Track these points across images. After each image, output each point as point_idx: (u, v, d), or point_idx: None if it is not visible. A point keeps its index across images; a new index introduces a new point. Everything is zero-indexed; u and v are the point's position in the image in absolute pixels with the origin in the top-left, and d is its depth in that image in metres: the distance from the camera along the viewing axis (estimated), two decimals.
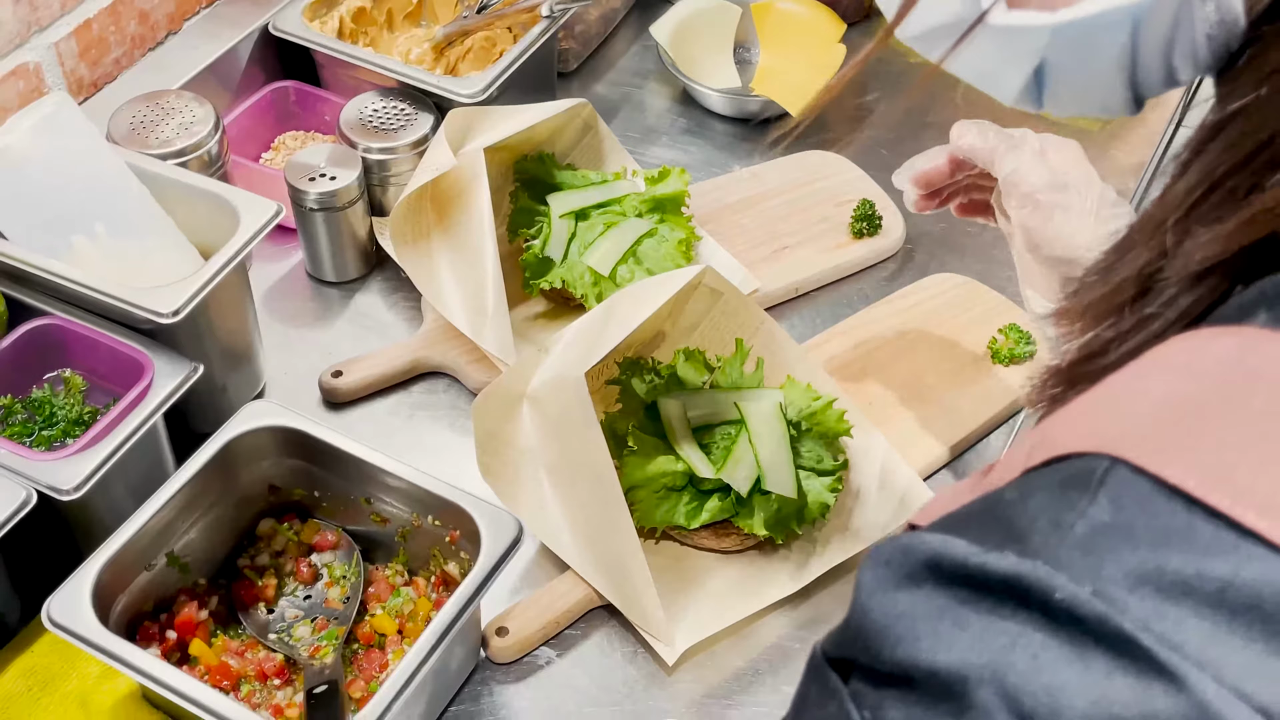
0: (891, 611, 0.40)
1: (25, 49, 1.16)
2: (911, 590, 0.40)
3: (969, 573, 0.39)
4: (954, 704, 0.38)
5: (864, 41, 1.50)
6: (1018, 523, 0.40)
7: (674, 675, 0.94)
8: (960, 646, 0.38)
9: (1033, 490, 0.41)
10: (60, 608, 0.83)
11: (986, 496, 0.43)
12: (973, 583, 0.39)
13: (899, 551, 0.41)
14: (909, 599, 0.40)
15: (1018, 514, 0.40)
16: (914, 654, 0.39)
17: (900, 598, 0.40)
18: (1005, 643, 0.38)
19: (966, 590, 0.39)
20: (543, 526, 0.97)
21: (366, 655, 0.91)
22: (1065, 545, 0.38)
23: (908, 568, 0.41)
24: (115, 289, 0.95)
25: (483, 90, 1.20)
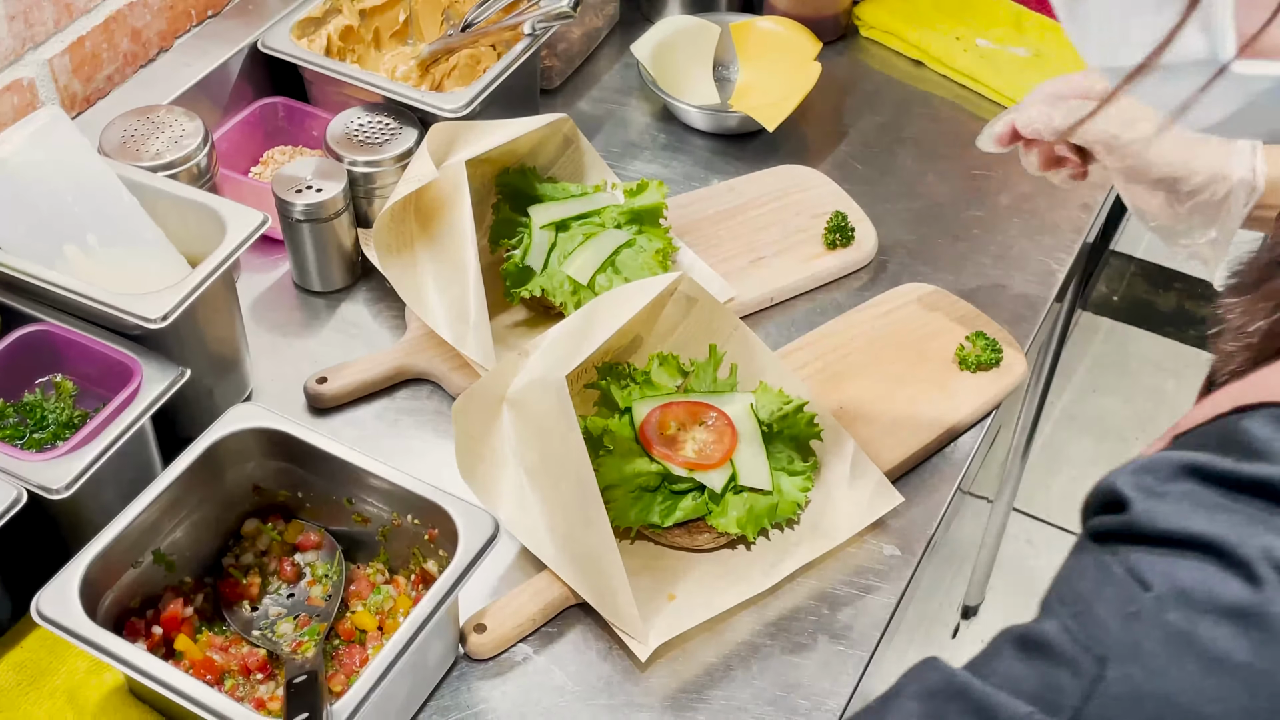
0: (1158, 496, 0.49)
1: (20, 65, 1.19)
2: (1174, 483, 0.49)
3: (1221, 474, 0.48)
4: (1217, 557, 0.46)
5: (838, 60, 1.53)
6: (1257, 443, 0.49)
7: (648, 671, 0.97)
8: (1219, 521, 0.47)
9: (1260, 421, 0.50)
10: (49, 602, 0.85)
11: (1217, 425, 0.51)
12: (1225, 482, 0.48)
13: (1154, 462, 0.50)
14: (1172, 488, 0.49)
15: (1254, 439, 0.49)
16: (1180, 523, 0.47)
17: (1166, 488, 0.49)
18: (1263, 525, 0.46)
19: (1220, 487, 0.48)
20: (521, 526, 1.00)
21: (347, 650, 0.94)
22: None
23: (1166, 469, 0.49)
24: (105, 295, 0.98)
25: (466, 105, 1.23)
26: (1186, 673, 0.46)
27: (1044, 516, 2.41)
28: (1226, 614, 0.46)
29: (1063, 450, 2.52)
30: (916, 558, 1.04)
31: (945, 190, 1.36)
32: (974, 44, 1.51)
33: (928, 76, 1.52)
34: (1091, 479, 0.55)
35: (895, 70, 1.53)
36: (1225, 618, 0.45)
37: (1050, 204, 1.35)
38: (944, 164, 1.39)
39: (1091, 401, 2.62)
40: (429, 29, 1.44)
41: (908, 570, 1.04)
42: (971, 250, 1.29)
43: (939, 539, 1.11)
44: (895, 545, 1.05)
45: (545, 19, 1.31)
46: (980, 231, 1.32)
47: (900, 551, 1.05)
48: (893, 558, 1.04)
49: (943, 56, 1.50)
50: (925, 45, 1.52)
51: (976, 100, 1.48)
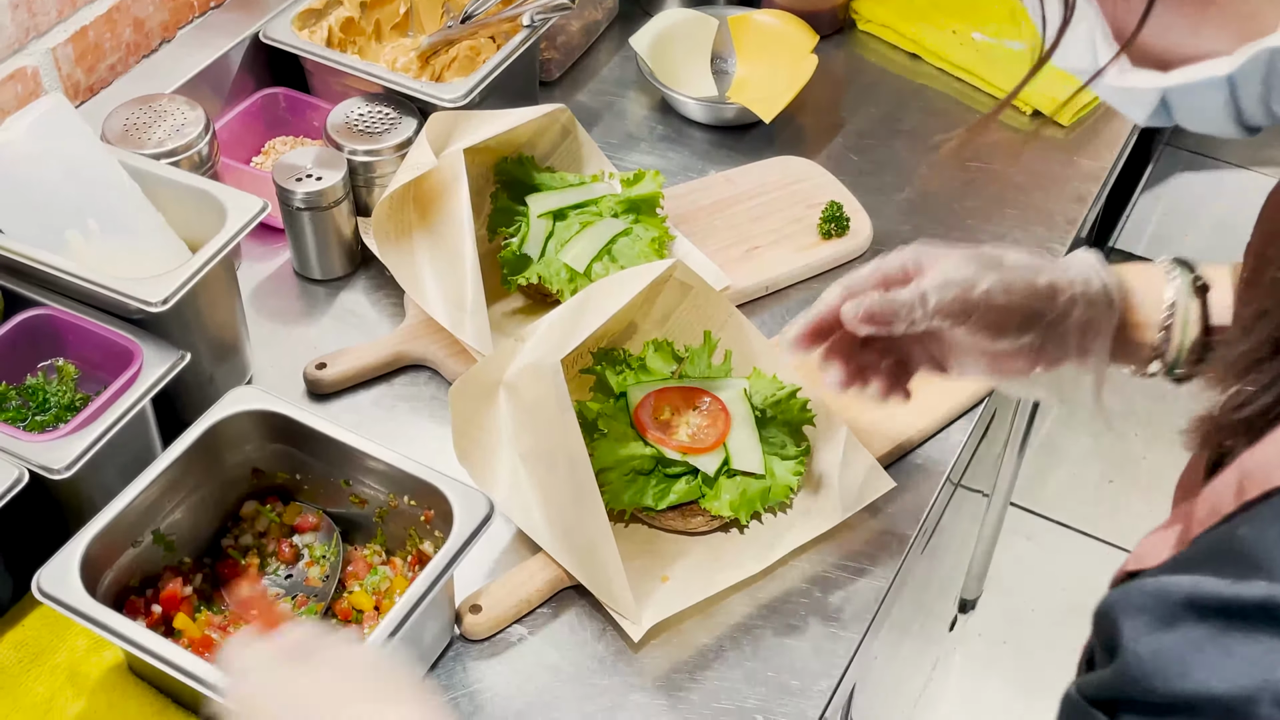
0: (1160, 650, 0.44)
1: (23, 54, 1.20)
2: (1173, 629, 0.44)
3: (1224, 604, 0.44)
4: None
5: (836, 53, 1.55)
6: (1257, 553, 0.44)
7: (641, 652, 0.98)
8: (1232, 671, 0.42)
9: (1265, 523, 0.46)
10: (50, 579, 0.87)
11: (1213, 535, 0.48)
12: (1229, 612, 0.43)
13: (1151, 598, 0.46)
14: (1173, 637, 0.44)
15: (1255, 547, 0.45)
16: (1190, 685, 0.43)
17: (1165, 638, 0.44)
18: (1271, 661, 0.42)
19: (1224, 620, 0.43)
20: (516, 509, 1.01)
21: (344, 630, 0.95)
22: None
23: (1165, 610, 0.45)
24: (106, 279, 0.99)
25: (465, 95, 1.25)
26: None
27: (1042, 511, 2.42)
28: None
29: (1061, 446, 2.52)
30: (908, 542, 1.06)
31: (940, 181, 1.37)
32: (970, 38, 1.52)
33: (924, 70, 1.53)
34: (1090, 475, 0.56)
35: (892, 64, 1.54)
36: None
37: (1045, 195, 1.36)
38: (939, 155, 1.40)
39: None
40: (429, 21, 1.45)
41: (899, 554, 1.05)
42: (965, 240, 1.28)
43: (931, 526, 1.12)
44: (887, 530, 1.06)
45: (543, 10, 1.32)
46: (974, 222, 1.33)
47: (892, 538, 1.06)
48: (885, 542, 1.05)
49: (939, 50, 1.52)
50: (922, 39, 1.53)
51: (972, 94, 1.49)
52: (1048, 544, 2.37)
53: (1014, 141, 1.43)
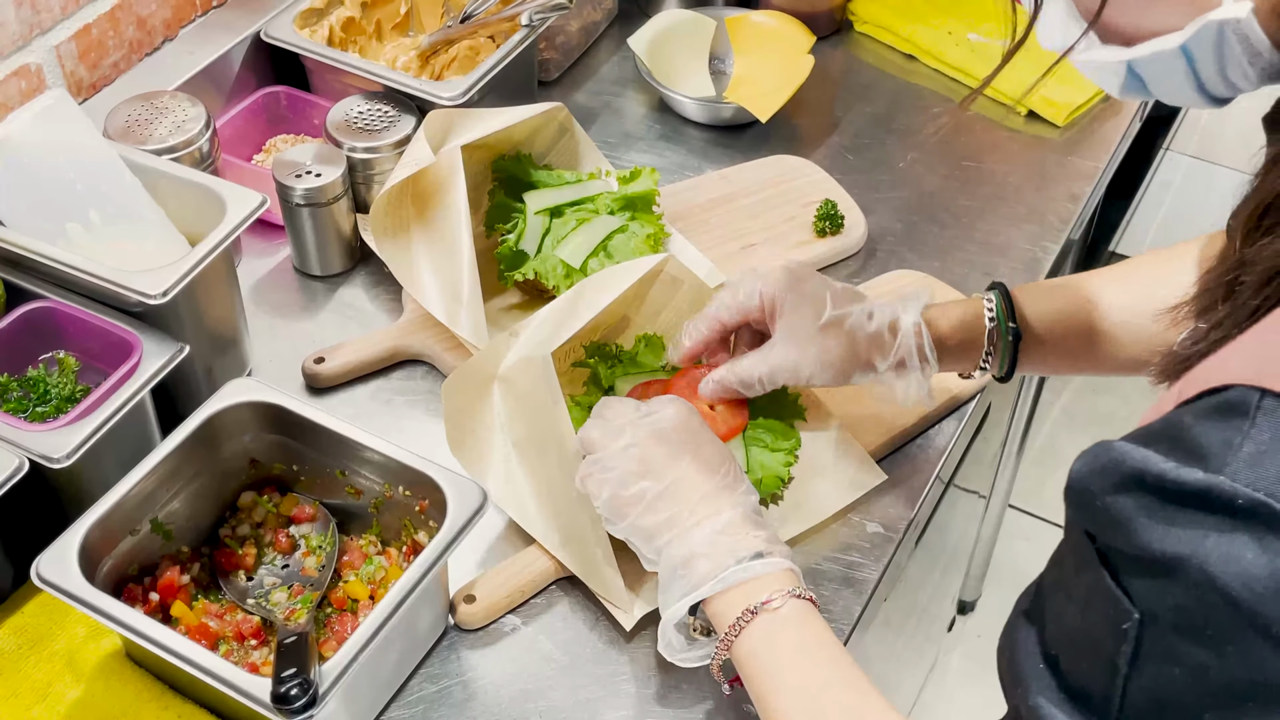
0: (1118, 510, 0.55)
1: (27, 50, 1.22)
2: (1126, 494, 0.55)
3: (1166, 484, 0.53)
4: (1174, 577, 0.53)
5: (832, 54, 1.56)
6: (1197, 442, 0.53)
7: (633, 641, 0.99)
8: (1172, 539, 0.53)
9: (1201, 415, 0.54)
10: (49, 565, 0.88)
11: (1167, 418, 0.56)
12: (1169, 492, 0.53)
13: (1112, 462, 0.56)
14: (1127, 501, 0.55)
15: (1195, 436, 0.54)
16: (1141, 542, 0.54)
17: (1121, 500, 0.55)
18: (1201, 535, 0.52)
19: (1169, 498, 0.53)
20: (509, 499, 1.02)
21: (339, 619, 0.96)
22: (1238, 461, 0.52)
23: (1120, 476, 0.55)
24: (106, 272, 1.01)
25: (463, 94, 1.26)
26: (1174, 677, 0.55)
27: (1041, 514, 2.43)
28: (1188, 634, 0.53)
29: (1061, 449, 2.53)
30: (898, 538, 1.06)
31: (934, 180, 1.39)
32: (965, 38, 1.53)
33: (920, 70, 1.54)
34: None
35: (888, 64, 1.55)
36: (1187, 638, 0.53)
37: (1038, 195, 1.37)
38: (933, 155, 1.41)
39: (1090, 401, 2.64)
40: (429, 21, 1.46)
41: (888, 550, 1.05)
42: (959, 238, 1.31)
43: (921, 523, 1.13)
44: (879, 524, 1.07)
45: (542, 10, 1.33)
46: (968, 220, 1.34)
47: (883, 530, 1.07)
48: (876, 536, 1.06)
49: (935, 50, 1.53)
50: (917, 39, 1.54)
51: (967, 94, 1.50)
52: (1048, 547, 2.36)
53: (1008, 141, 1.44)
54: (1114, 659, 0.56)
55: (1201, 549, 0.52)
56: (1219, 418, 0.54)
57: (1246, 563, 0.51)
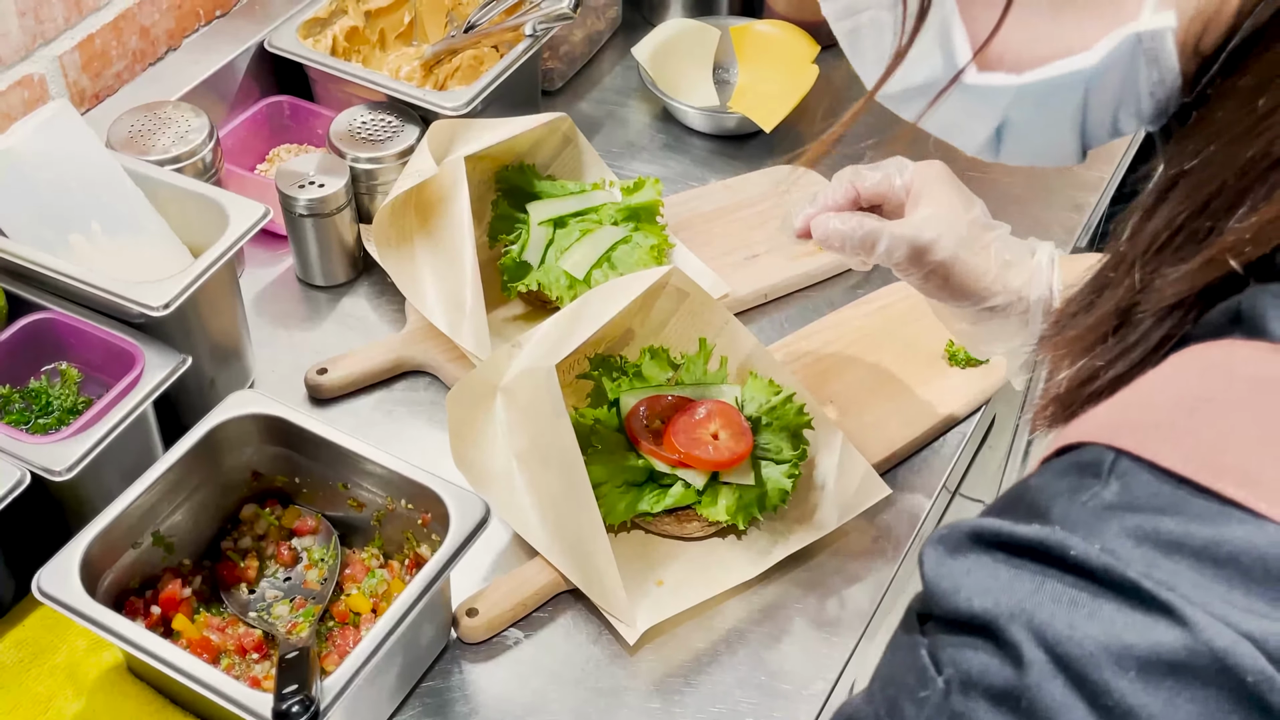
0: (943, 573, 0.49)
1: (30, 61, 1.22)
2: (959, 557, 0.49)
3: (1001, 539, 0.48)
4: (991, 640, 0.47)
5: (837, 63, 1.55)
6: (1041, 502, 0.49)
7: (636, 655, 0.98)
8: (994, 593, 0.47)
9: (1052, 476, 0.50)
10: (50, 579, 0.88)
11: (1015, 486, 0.52)
12: (1004, 546, 0.48)
13: (948, 530, 0.51)
14: (956, 563, 0.49)
15: (1041, 496, 0.49)
16: (959, 602, 0.48)
17: (950, 563, 0.49)
18: (1031, 589, 0.46)
19: (999, 552, 0.48)
20: (512, 512, 1.02)
21: (341, 632, 0.96)
22: (1080, 516, 0.47)
23: (955, 541, 0.50)
24: (109, 283, 1.00)
25: (466, 104, 1.26)
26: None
27: None
28: (997, 699, 0.46)
29: None
30: (903, 550, 1.06)
31: None
32: None
33: None
34: None
35: None
36: (995, 703, 0.46)
37: (1043, 205, 1.36)
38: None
39: None
40: (433, 30, 1.46)
41: (894, 562, 1.05)
42: None
43: (927, 533, 1.13)
44: (883, 537, 1.07)
45: (546, 20, 1.33)
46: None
47: (888, 544, 1.06)
48: (880, 548, 1.06)
49: None
50: None
51: None
52: None
53: None
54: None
55: (1029, 604, 0.46)
56: (1068, 476, 0.50)
57: (1078, 621, 0.45)
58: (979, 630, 0.47)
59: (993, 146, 0.69)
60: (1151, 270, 0.56)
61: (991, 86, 0.64)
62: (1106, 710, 0.44)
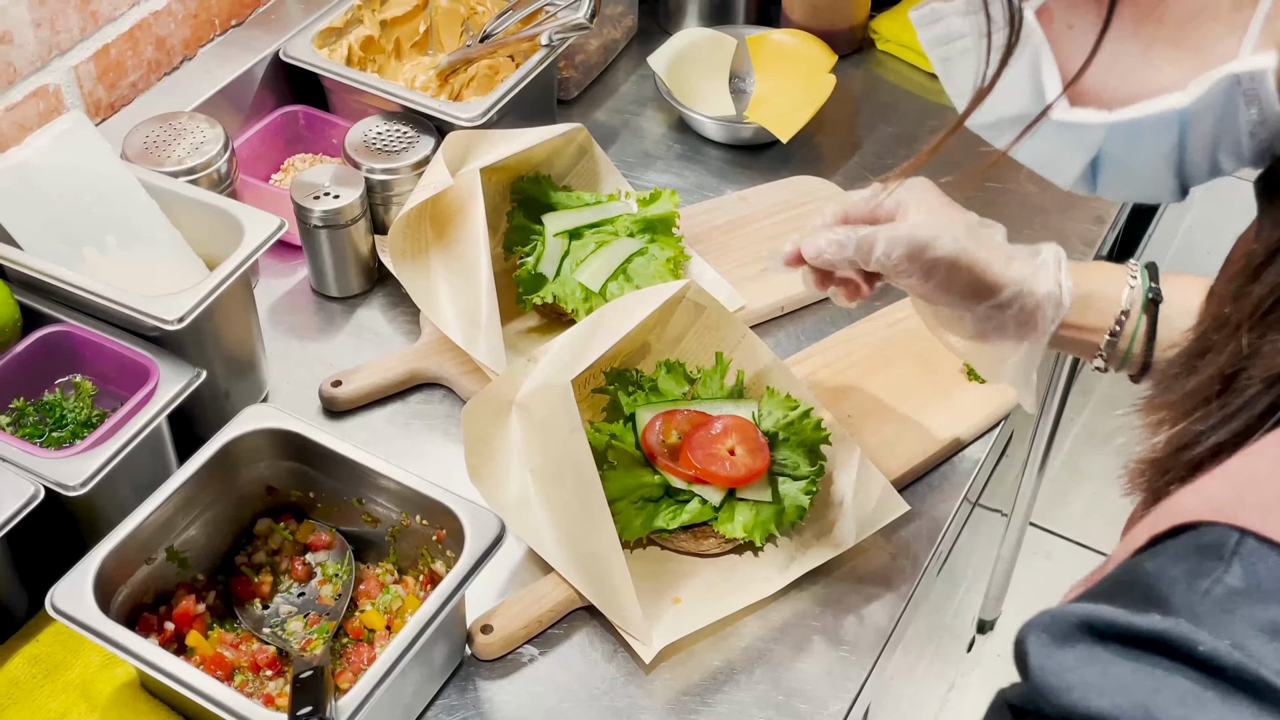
0: (1050, 666, 0.46)
1: (45, 71, 1.21)
2: (1066, 648, 0.46)
3: (1118, 630, 0.45)
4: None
5: (854, 73, 1.55)
6: (1158, 588, 0.45)
7: (652, 673, 0.98)
8: (1111, 692, 0.44)
9: (1168, 559, 0.47)
10: (64, 596, 0.87)
11: (1123, 567, 0.48)
12: (1121, 639, 0.45)
13: (1053, 619, 0.47)
14: (1064, 655, 0.46)
15: (1157, 580, 0.46)
16: (1073, 701, 0.44)
17: (1060, 655, 0.46)
18: (1152, 687, 0.43)
19: (1116, 645, 0.45)
20: (527, 528, 1.01)
21: (355, 649, 0.95)
22: (1204, 606, 0.44)
23: (1063, 629, 0.46)
24: (123, 296, 1.00)
25: (482, 115, 1.25)
26: None
27: (1063, 532, 2.41)
28: None
29: (1084, 466, 2.51)
30: (921, 567, 1.05)
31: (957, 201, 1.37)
32: None
33: (942, 89, 1.52)
34: (1112, 496, 0.54)
35: (910, 83, 1.54)
36: None
37: (1062, 217, 1.35)
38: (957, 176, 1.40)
39: (1114, 419, 2.62)
40: (448, 40, 1.46)
41: (913, 579, 1.04)
42: None
43: (947, 548, 1.12)
44: (901, 554, 1.06)
45: (562, 30, 1.32)
46: None
47: (906, 560, 1.05)
48: (899, 565, 1.05)
49: None
50: None
51: None
52: (1069, 565, 2.35)
53: None
54: None
55: (1152, 704, 0.43)
56: (1187, 559, 0.46)
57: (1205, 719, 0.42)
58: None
59: (1088, 181, 0.67)
60: (1259, 335, 0.53)
61: (1083, 123, 0.62)
62: None
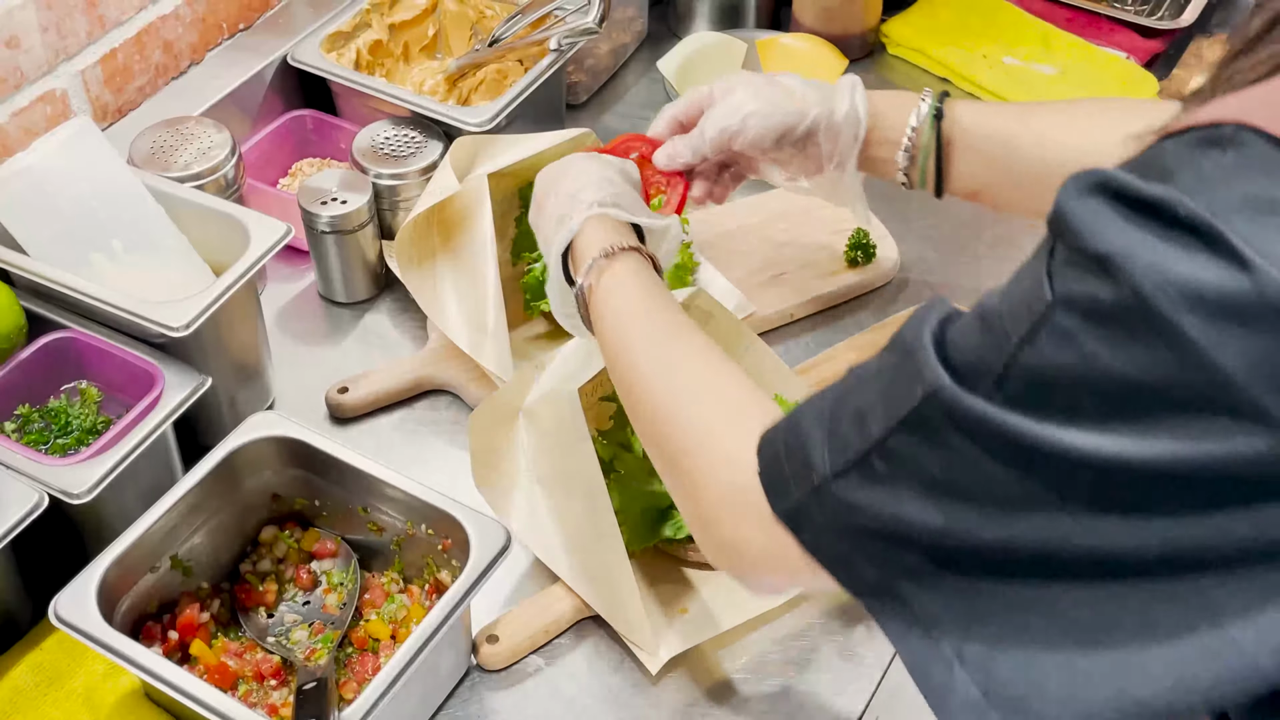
0: (1073, 208, 0.55)
1: (53, 76, 1.21)
2: (1086, 199, 0.55)
3: (1127, 192, 0.54)
4: (1100, 272, 0.54)
5: (865, 77, 1.53)
6: (1167, 165, 0.55)
7: (659, 684, 0.97)
8: (1111, 238, 0.54)
9: (1185, 144, 0.55)
10: (67, 605, 0.87)
11: (1153, 149, 0.57)
12: (1127, 199, 0.54)
13: (1085, 173, 0.56)
14: (1083, 204, 0.55)
15: (1168, 161, 0.55)
16: (1083, 241, 0.54)
17: (1079, 202, 0.55)
18: (1140, 239, 0.53)
19: (1121, 204, 0.54)
20: (533, 537, 1.00)
21: (360, 659, 0.95)
22: (1197, 179, 0.53)
23: (1087, 184, 0.55)
24: (129, 303, 1.00)
25: (490, 119, 1.25)
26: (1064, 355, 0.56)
27: None
28: (1094, 319, 0.54)
29: None
30: None
31: (968, 208, 1.34)
32: (1000, 62, 1.51)
33: (953, 93, 1.51)
34: None
35: (921, 87, 1.52)
36: (1093, 323, 0.54)
37: None
38: None
39: None
40: (457, 44, 1.45)
41: None
42: (992, 268, 1.29)
43: None
44: None
45: (571, 35, 1.32)
46: (1001, 249, 1.31)
47: None
48: None
49: (969, 74, 1.50)
50: (952, 63, 1.52)
51: None
52: None
53: None
54: (1009, 332, 0.57)
55: (1136, 251, 0.53)
56: (1199, 146, 0.55)
57: (1169, 269, 0.52)
58: (1094, 264, 0.54)
59: None
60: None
61: None
62: (1177, 342, 0.52)
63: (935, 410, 0.60)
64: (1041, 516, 0.58)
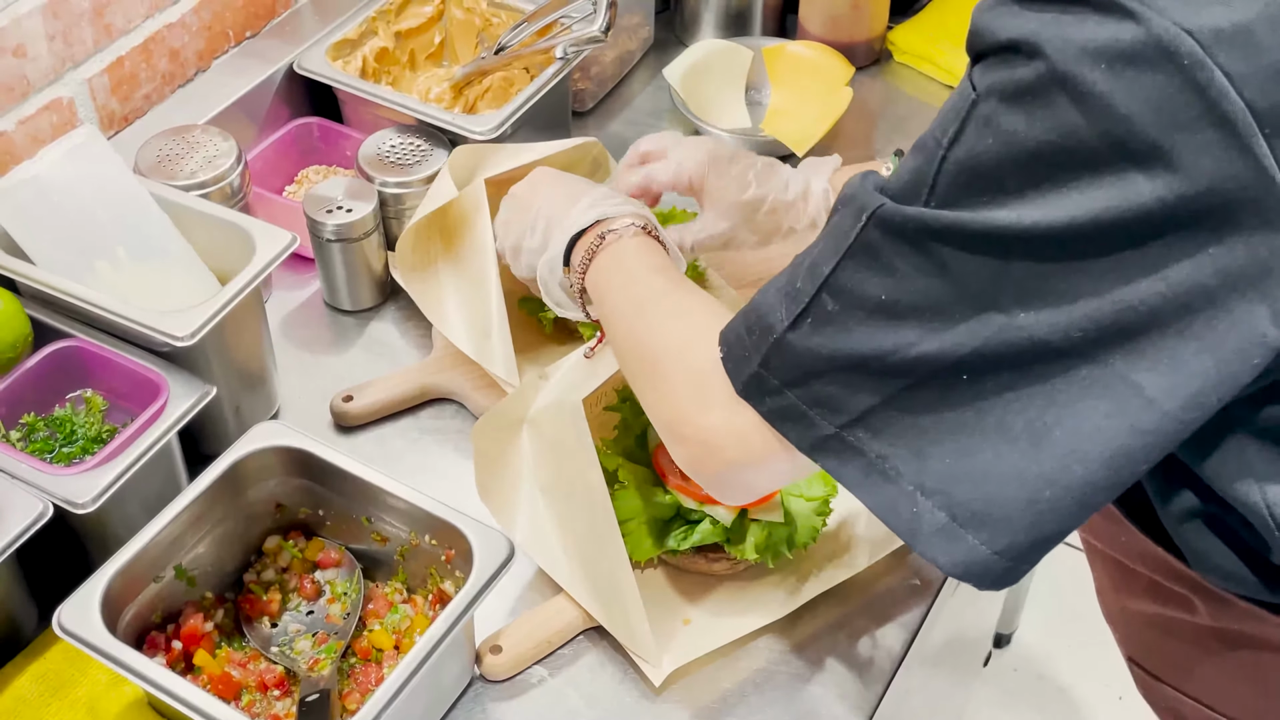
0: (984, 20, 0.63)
1: (59, 84, 1.21)
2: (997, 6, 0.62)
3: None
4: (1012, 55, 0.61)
5: (872, 84, 1.54)
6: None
7: (662, 695, 0.97)
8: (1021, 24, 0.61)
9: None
10: (70, 615, 0.87)
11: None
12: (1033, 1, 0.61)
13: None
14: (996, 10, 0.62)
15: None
16: (997, 34, 0.62)
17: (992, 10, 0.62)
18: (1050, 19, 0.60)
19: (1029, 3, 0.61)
20: (536, 547, 1.00)
21: (364, 669, 0.94)
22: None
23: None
24: (134, 312, 1.00)
25: (496, 128, 1.24)
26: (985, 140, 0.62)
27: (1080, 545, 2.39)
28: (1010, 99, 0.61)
29: None
30: (935, 588, 1.04)
31: None
32: None
33: None
34: None
35: (928, 95, 1.53)
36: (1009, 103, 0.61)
37: None
38: None
39: None
40: (463, 52, 1.45)
41: (926, 601, 1.03)
42: None
43: None
44: (915, 576, 1.04)
45: (577, 43, 1.31)
46: None
47: (919, 582, 1.04)
48: (912, 588, 1.04)
49: None
50: (959, 70, 1.51)
51: None
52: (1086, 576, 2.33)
53: None
54: (940, 139, 0.64)
55: (1045, 30, 0.60)
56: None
57: (1071, 36, 0.59)
58: (1008, 49, 0.61)
59: None
60: None
61: None
62: (1083, 98, 0.59)
63: (875, 232, 0.66)
64: (977, 321, 0.63)
